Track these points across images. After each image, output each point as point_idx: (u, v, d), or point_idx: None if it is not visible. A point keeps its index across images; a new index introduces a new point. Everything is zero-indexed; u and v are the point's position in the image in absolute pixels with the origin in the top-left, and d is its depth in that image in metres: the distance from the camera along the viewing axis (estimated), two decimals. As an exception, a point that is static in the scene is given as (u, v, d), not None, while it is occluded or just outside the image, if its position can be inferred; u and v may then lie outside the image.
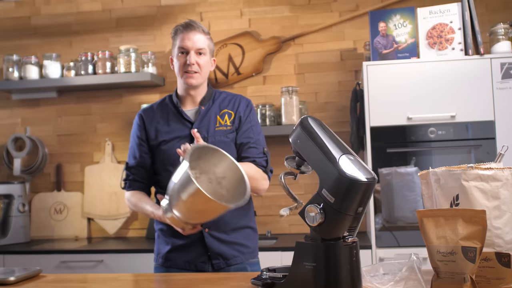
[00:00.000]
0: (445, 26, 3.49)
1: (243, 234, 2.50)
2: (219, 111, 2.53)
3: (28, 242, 4.14)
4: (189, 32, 2.45)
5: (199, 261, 2.42)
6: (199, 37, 2.46)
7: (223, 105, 2.55)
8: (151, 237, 4.10)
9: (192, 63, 2.43)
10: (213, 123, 2.49)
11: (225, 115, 2.51)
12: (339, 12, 4.24)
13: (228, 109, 2.54)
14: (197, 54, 2.45)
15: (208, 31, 2.54)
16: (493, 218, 1.50)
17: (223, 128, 2.49)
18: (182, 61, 2.46)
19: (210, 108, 2.53)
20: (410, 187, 3.44)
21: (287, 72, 4.27)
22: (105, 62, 4.19)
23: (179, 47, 2.46)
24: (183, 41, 2.45)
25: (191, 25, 2.47)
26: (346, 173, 1.48)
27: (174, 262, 2.46)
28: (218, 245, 2.39)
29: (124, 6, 4.51)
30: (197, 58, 2.45)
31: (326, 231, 1.54)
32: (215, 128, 2.48)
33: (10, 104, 4.59)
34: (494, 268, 1.48)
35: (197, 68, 2.45)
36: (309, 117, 1.69)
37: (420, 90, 3.47)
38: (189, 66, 2.44)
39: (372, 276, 1.69)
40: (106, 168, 4.39)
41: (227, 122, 2.50)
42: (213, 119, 2.50)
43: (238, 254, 2.47)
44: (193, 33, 2.45)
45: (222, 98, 2.58)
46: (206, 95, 2.55)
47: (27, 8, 4.63)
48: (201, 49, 2.46)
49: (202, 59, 2.47)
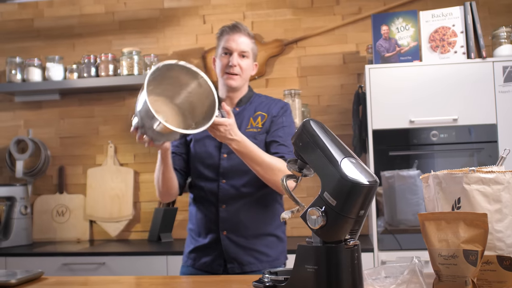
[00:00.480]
0: (448, 30, 3.49)
1: (264, 242, 2.47)
2: (253, 113, 2.52)
3: (30, 244, 4.14)
4: (235, 33, 2.46)
5: (215, 264, 2.42)
6: (244, 39, 2.46)
7: (259, 108, 2.54)
8: (153, 240, 4.10)
9: (234, 64, 2.43)
10: (245, 124, 2.48)
11: (258, 117, 2.51)
12: (342, 15, 4.25)
13: (263, 111, 2.52)
14: (240, 56, 2.45)
15: (253, 35, 2.54)
16: (494, 221, 1.50)
17: (254, 130, 2.47)
18: (224, 62, 2.46)
19: (245, 109, 2.52)
20: (412, 190, 3.44)
21: (289, 75, 4.27)
22: (108, 64, 4.19)
23: (223, 47, 2.47)
24: (228, 42, 2.45)
25: (237, 27, 2.47)
26: (348, 176, 1.48)
27: (194, 262, 2.48)
28: (234, 250, 2.36)
29: (127, 9, 4.52)
30: (240, 60, 2.45)
31: (328, 234, 1.54)
32: (246, 130, 2.46)
33: (13, 106, 4.60)
34: (495, 271, 1.48)
35: (238, 70, 2.45)
36: (311, 120, 1.69)
37: (422, 93, 3.47)
38: (231, 68, 2.44)
39: (374, 279, 1.69)
40: (108, 170, 4.39)
41: (258, 124, 2.49)
42: (245, 120, 2.49)
43: (255, 261, 2.44)
44: (238, 35, 2.46)
45: (259, 101, 2.57)
46: (243, 97, 2.54)
47: (30, 10, 4.64)
48: (245, 52, 2.46)
49: (245, 61, 2.47)
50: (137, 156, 4.41)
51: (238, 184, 2.43)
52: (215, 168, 2.43)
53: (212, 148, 2.47)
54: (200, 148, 2.48)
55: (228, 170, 2.43)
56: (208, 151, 2.47)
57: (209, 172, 2.46)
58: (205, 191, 2.46)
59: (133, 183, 4.35)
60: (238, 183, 2.43)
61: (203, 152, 2.47)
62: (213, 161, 2.46)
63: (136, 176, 4.38)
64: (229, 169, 2.43)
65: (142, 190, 4.38)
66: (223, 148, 2.45)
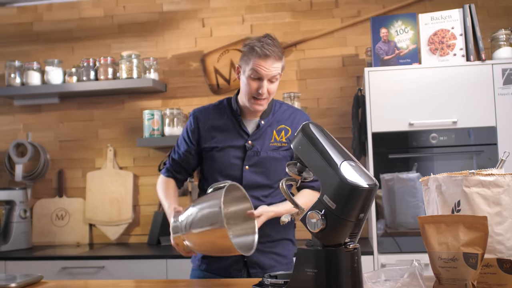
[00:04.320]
0: (447, 32, 3.50)
1: (281, 245, 2.49)
2: (276, 125, 2.49)
3: (29, 248, 4.14)
4: (267, 60, 2.33)
5: (234, 268, 2.41)
6: (276, 65, 2.36)
7: (282, 120, 2.51)
8: (152, 243, 4.09)
9: (265, 93, 2.37)
10: (269, 138, 2.46)
11: (281, 131, 2.48)
12: (341, 18, 4.25)
13: (286, 125, 2.50)
14: (269, 81, 2.38)
15: (282, 51, 2.42)
16: (494, 224, 1.50)
17: (278, 144, 2.46)
18: (253, 87, 2.37)
19: (268, 122, 2.49)
20: (412, 193, 3.44)
21: (289, 78, 4.27)
22: (107, 68, 4.19)
23: (254, 70, 2.35)
24: (259, 68, 2.33)
25: (268, 52, 2.32)
26: (348, 179, 1.48)
27: (209, 266, 2.45)
28: (255, 254, 2.32)
29: (126, 12, 4.52)
30: (269, 85, 2.38)
31: (328, 237, 1.54)
32: (270, 144, 2.45)
33: (12, 110, 4.60)
34: (495, 274, 1.48)
35: (267, 95, 2.39)
36: (310, 123, 1.70)
37: (421, 96, 3.47)
38: (260, 95, 2.37)
39: (374, 282, 1.69)
40: (107, 174, 4.39)
41: (282, 139, 2.47)
42: (269, 133, 2.47)
43: (276, 264, 2.45)
44: (271, 62, 2.34)
45: (281, 111, 2.54)
46: (267, 109, 2.50)
47: (29, 14, 4.64)
48: (275, 76, 2.39)
49: (274, 85, 2.41)
50: (136, 159, 4.41)
51: (260, 195, 2.43)
52: (236, 179, 2.36)
53: (235, 159, 2.44)
54: (222, 158, 2.44)
55: (251, 183, 2.41)
56: (231, 162, 2.44)
57: None
58: None
59: (133, 186, 4.34)
60: (260, 194, 2.43)
61: (226, 162, 2.44)
62: (234, 172, 2.43)
63: (135, 180, 4.38)
64: (252, 181, 2.42)
65: (141, 193, 4.38)
66: (246, 161, 2.44)
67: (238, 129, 2.47)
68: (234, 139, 2.46)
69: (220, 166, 2.45)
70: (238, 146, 2.45)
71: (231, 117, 2.50)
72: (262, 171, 2.43)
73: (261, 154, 2.43)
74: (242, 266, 2.41)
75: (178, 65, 4.41)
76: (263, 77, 2.35)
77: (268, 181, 2.43)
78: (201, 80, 4.36)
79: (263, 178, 2.43)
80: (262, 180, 2.43)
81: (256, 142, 2.44)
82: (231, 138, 2.46)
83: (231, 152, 2.44)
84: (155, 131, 4.09)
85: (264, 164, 2.44)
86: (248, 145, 2.43)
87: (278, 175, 2.43)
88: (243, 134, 2.46)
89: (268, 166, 2.44)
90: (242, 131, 2.47)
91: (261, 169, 2.43)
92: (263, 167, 2.44)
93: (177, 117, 4.08)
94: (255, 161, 2.43)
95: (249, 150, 2.43)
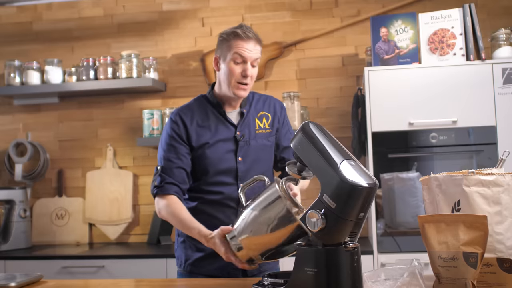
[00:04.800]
0: (447, 32, 3.49)
1: None
2: (256, 113, 2.51)
3: (29, 247, 4.13)
4: (248, 41, 2.34)
5: (231, 267, 2.38)
6: (257, 47, 2.38)
7: (258, 107, 2.53)
8: (152, 243, 4.09)
9: (249, 75, 2.36)
10: (253, 125, 2.47)
11: (263, 118, 2.50)
12: (341, 18, 4.25)
13: (265, 111, 2.52)
14: (251, 65, 2.38)
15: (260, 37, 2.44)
16: (494, 223, 1.50)
17: (263, 132, 2.48)
18: (237, 71, 2.35)
19: (249, 110, 2.51)
20: (412, 193, 3.44)
21: (288, 77, 4.27)
22: (107, 67, 4.19)
23: (236, 53, 2.34)
24: (242, 50, 2.34)
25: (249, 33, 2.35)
26: (348, 179, 1.48)
27: (205, 269, 2.41)
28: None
29: (126, 12, 4.52)
30: (252, 69, 2.38)
31: (328, 237, 1.54)
32: (256, 131, 2.47)
33: (12, 110, 4.59)
34: (495, 273, 1.48)
35: (249, 80, 2.39)
36: (310, 122, 1.70)
37: (421, 95, 3.46)
38: (245, 78, 2.36)
39: (374, 281, 1.69)
40: (107, 173, 4.38)
41: (265, 125, 2.49)
42: (252, 121, 2.48)
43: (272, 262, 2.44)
44: (253, 43, 2.36)
45: (256, 99, 2.55)
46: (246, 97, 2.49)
47: (28, 13, 4.64)
48: (257, 59, 2.39)
49: (255, 69, 2.41)
50: (136, 159, 4.40)
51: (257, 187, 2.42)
52: (232, 172, 2.39)
53: (227, 152, 2.43)
54: (214, 154, 2.41)
55: (245, 174, 2.41)
56: (224, 156, 2.42)
57: (225, 177, 2.41)
58: (223, 196, 2.41)
59: (132, 186, 4.34)
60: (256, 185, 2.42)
61: (218, 157, 2.41)
62: (229, 165, 2.41)
63: (135, 179, 4.38)
64: (246, 172, 2.41)
65: (141, 193, 4.38)
66: (239, 152, 2.43)
67: (223, 121, 2.45)
68: (222, 132, 2.44)
69: (213, 162, 2.41)
70: (227, 139, 2.43)
71: (214, 111, 2.47)
72: (255, 160, 2.43)
73: (251, 143, 2.44)
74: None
75: (177, 64, 4.41)
76: (246, 59, 2.35)
77: (262, 169, 2.42)
78: (201, 80, 4.35)
79: (257, 166, 2.43)
80: (257, 169, 2.41)
81: (244, 132, 2.45)
82: (219, 132, 2.44)
83: (222, 146, 2.42)
84: (155, 130, 4.09)
85: (256, 153, 2.44)
86: (238, 136, 2.43)
87: (269, 163, 2.49)
88: (229, 126, 2.45)
89: (260, 154, 2.45)
90: (228, 123, 2.45)
91: (253, 158, 2.43)
92: (255, 155, 2.44)
93: (176, 117, 4.08)
94: (246, 151, 2.43)
95: (240, 140, 2.42)
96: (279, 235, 1.73)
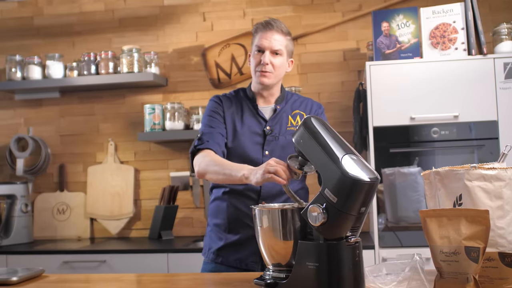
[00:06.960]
0: (448, 26, 3.49)
1: None
2: (290, 111, 2.53)
3: (31, 242, 4.14)
4: (267, 31, 2.44)
5: (250, 260, 2.39)
6: (277, 37, 2.44)
7: (295, 106, 2.55)
8: (153, 237, 4.10)
9: (266, 63, 2.42)
10: (285, 123, 2.49)
11: (297, 116, 2.52)
12: (342, 12, 4.24)
13: (300, 110, 2.54)
14: (273, 54, 2.44)
15: (288, 31, 2.50)
16: (496, 218, 1.50)
17: (294, 129, 2.46)
18: (257, 60, 2.45)
19: (283, 107, 2.53)
20: (413, 187, 3.43)
21: (290, 72, 4.23)
22: (108, 62, 4.19)
23: (256, 45, 2.46)
24: (260, 40, 2.44)
25: (271, 24, 2.44)
26: (349, 173, 1.48)
27: (226, 259, 2.44)
28: None
29: (127, 6, 4.51)
30: (272, 58, 2.43)
31: (329, 231, 1.54)
32: (287, 128, 2.48)
33: (13, 105, 4.59)
34: (497, 268, 1.48)
35: (270, 68, 2.43)
36: (312, 117, 1.69)
37: (423, 90, 3.46)
38: (263, 66, 2.42)
39: (375, 276, 1.69)
40: (109, 168, 4.39)
41: (298, 123, 2.49)
42: (285, 119, 2.50)
43: None
44: (271, 33, 2.44)
45: (293, 99, 2.58)
46: (280, 95, 2.55)
47: (29, 8, 4.64)
48: (278, 50, 2.44)
49: (277, 59, 2.45)
50: (137, 153, 4.41)
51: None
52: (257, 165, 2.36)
53: (254, 144, 2.46)
54: (241, 143, 2.45)
55: None
56: (251, 147, 2.45)
57: None
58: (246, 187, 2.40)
59: (134, 180, 4.35)
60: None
61: (246, 148, 2.44)
62: (254, 157, 2.43)
63: (136, 174, 4.38)
64: None
65: (142, 187, 4.38)
66: (266, 146, 2.45)
67: (255, 115, 2.50)
68: (252, 124, 2.48)
69: (240, 150, 2.44)
70: (256, 132, 2.46)
71: (248, 104, 2.53)
72: (281, 155, 2.42)
73: (280, 138, 2.46)
74: (259, 259, 2.37)
75: (179, 59, 4.41)
76: (265, 48, 2.42)
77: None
78: (202, 75, 4.35)
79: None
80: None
81: (274, 127, 2.47)
82: (249, 123, 2.48)
83: (251, 137, 2.45)
84: (156, 125, 4.09)
85: (284, 149, 2.45)
86: (267, 130, 2.45)
87: None
88: (260, 120, 2.49)
89: (288, 150, 2.44)
90: (259, 117, 2.50)
91: (281, 153, 2.42)
92: (282, 151, 2.44)
93: (178, 111, 4.08)
94: (274, 146, 2.45)
95: (268, 135, 2.45)
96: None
